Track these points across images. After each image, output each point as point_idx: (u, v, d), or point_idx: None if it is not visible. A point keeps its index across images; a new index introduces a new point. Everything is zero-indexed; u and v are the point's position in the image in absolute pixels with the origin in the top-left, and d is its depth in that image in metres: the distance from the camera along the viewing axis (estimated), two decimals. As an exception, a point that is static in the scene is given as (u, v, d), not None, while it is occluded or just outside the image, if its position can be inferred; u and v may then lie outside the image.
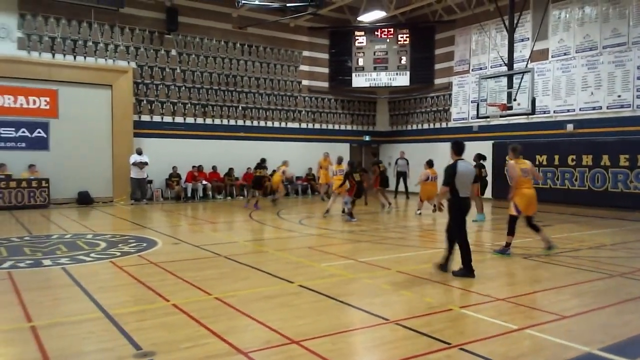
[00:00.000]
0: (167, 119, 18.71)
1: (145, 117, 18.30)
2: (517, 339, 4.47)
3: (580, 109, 16.34)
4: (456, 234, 6.84)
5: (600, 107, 15.81)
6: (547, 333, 4.56)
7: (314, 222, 12.92)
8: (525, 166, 8.36)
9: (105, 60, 17.42)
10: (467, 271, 6.68)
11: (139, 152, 17.13)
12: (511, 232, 8.22)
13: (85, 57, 17.07)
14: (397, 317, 5.11)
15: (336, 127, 22.84)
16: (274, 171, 17.67)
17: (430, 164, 14.12)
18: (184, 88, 19.01)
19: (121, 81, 17.54)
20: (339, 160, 14.67)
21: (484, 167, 13.16)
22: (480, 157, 13.06)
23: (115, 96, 17.47)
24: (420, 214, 14.02)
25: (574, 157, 16.32)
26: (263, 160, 16.36)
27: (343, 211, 13.60)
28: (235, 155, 19.78)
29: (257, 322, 4.85)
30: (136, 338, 4.39)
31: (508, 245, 8.24)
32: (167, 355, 4.02)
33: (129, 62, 17.84)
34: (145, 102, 18.31)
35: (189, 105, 19.14)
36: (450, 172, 6.75)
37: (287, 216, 14.17)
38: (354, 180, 12.86)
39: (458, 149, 6.94)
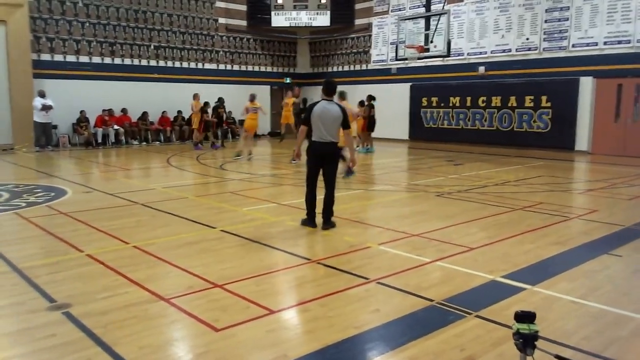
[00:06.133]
0: (71, 58, 17.26)
1: (46, 56, 16.77)
2: (429, 270, 4.77)
3: (491, 52, 17.00)
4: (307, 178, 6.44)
5: (510, 50, 16.53)
6: (456, 264, 4.90)
7: (234, 166, 12.76)
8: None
9: (-6, -9, 15.58)
10: (324, 220, 6.34)
11: (42, 95, 15.80)
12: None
13: (-31, -13, 15.15)
14: (318, 256, 5.26)
15: (256, 68, 22.25)
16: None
17: (363, 103, 15.19)
18: (88, 24, 17.51)
19: (16, 16, 15.80)
20: (253, 98, 14.54)
21: (373, 107, 14.83)
22: (370, 98, 14.90)
23: (10, 33, 15.77)
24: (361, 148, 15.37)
25: (485, 98, 17.13)
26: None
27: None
28: (148, 98, 18.76)
29: (178, 268, 4.79)
30: (49, 291, 4.20)
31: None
32: (83, 306, 3.89)
33: (22, -6, 16.07)
34: (44, 39, 16.73)
35: (95, 43, 17.73)
36: (306, 112, 6.35)
37: (207, 161, 13.88)
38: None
39: (326, 88, 6.36)
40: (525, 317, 2.39)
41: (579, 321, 3.65)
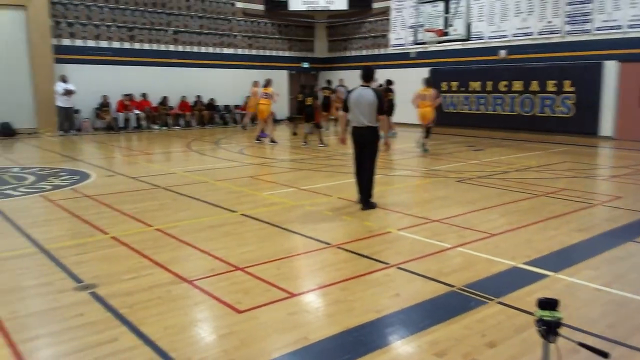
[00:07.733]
0: (91, 42, 17.40)
1: (66, 41, 16.93)
2: (450, 256, 4.76)
3: (512, 35, 16.67)
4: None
5: (532, 33, 16.18)
6: (477, 250, 4.88)
7: (254, 151, 12.80)
8: (425, 92, 11.99)
9: (16, -24, 15.71)
10: (363, 202, 6.59)
11: (64, 80, 16.00)
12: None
13: (-9, -28, 15.31)
14: (338, 241, 5.28)
15: (274, 53, 22.17)
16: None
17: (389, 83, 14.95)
18: (107, 9, 17.60)
19: (36, 1, 15.94)
20: (267, 83, 14.26)
21: (391, 91, 14.47)
22: (389, 82, 14.58)
23: (31, 18, 15.94)
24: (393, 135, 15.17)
25: (506, 83, 16.83)
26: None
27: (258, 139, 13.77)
28: (168, 83, 18.86)
29: (200, 251, 4.86)
30: (76, 271, 4.30)
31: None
32: (109, 286, 3.98)
33: (43, -21, 16.19)
34: (64, 24, 16.88)
35: (114, 27, 17.82)
36: (345, 99, 6.75)
37: (227, 145, 13.95)
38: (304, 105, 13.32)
39: (363, 75, 6.50)
40: (548, 304, 2.37)
41: (603, 309, 3.62)
